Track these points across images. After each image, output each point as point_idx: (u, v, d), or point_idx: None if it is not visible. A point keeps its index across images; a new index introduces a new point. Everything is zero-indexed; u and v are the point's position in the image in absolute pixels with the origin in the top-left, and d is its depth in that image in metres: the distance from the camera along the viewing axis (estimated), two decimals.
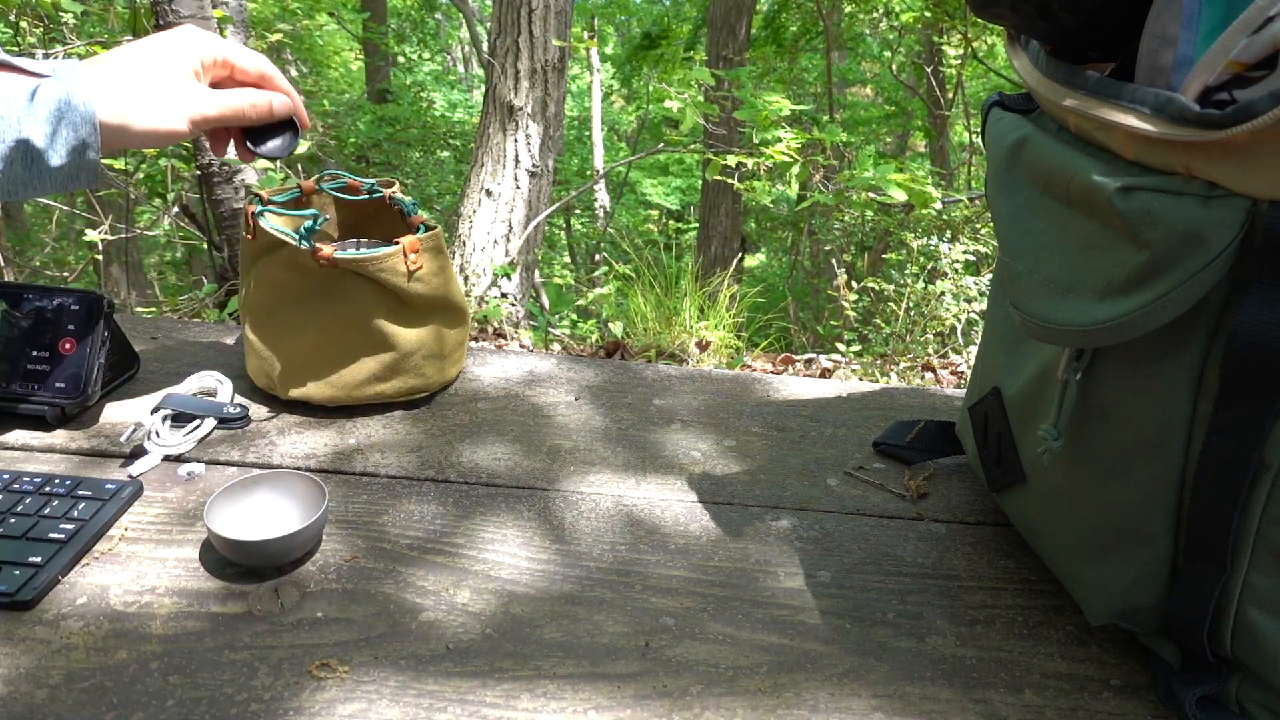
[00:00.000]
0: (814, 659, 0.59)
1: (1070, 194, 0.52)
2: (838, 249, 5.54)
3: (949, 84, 6.74)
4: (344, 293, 0.79)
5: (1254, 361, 0.45)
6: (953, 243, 3.78)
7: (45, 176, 0.59)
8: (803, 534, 0.72)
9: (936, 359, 2.87)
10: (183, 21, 2.50)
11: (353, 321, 0.80)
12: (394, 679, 0.55)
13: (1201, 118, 0.43)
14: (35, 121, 0.58)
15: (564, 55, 3.23)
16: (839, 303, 3.56)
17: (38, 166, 0.59)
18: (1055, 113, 0.56)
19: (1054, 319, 0.51)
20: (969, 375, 0.79)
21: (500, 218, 3.20)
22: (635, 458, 0.82)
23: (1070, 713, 0.56)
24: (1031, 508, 0.64)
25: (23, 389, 0.77)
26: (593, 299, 3.46)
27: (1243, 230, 0.44)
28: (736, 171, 3.60)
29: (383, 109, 7.17)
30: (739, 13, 5.96)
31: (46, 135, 0.58)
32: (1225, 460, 0.48)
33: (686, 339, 2.44)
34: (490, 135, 3.21)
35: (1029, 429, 0.62)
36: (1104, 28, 0.55)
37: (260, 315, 0.83)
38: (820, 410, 0.93)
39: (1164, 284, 0.46)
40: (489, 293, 3.08)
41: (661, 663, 0.57)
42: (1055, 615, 0.64)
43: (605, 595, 0.63)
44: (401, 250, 0.79)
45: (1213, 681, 0.54)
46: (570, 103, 9.73)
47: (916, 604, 0.65)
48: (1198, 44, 0.48)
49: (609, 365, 1.01)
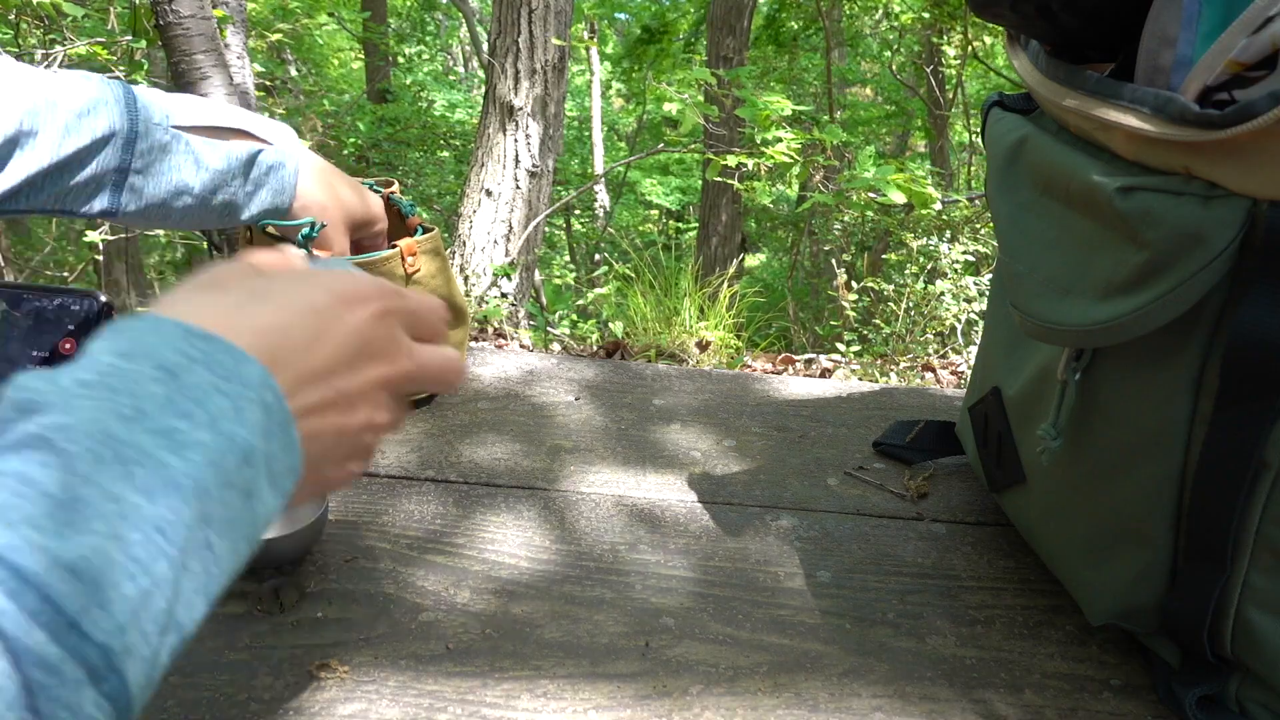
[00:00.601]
0: (814, 659, 0.59)
1: (1070, 194, 0.52)
2: (838, 249, 5.54)
3: (949, 84, 6.74)
4: None
5: (1254, 361, 0.45)
6: (952, 243, 3.78)
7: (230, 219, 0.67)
8: (803, 534, 0.72)
9: (936, 359, 2.87)
10: (183, 22, 2.50)
11: None
12: (394, 679, 0.55)
13: (1201, 118, 0.43)
14: (242, 183, 0.66)
15: (564, 55, 3.23)
16: (839, 303, 3.56)
17: (229, 216, 0.67)
18: (1055, 113, 0.56)
19: (1054, 319, 0.51)
20: (969, 375, 0.79)
21: (500, 218, 3.20)
22: (635, 457, 0.82)
23: (1070, 713, 0.56)
24: (1031, 508, 0.64)
25: None
26: (593, 299, 3.46)
27: (1243, 230, 0.44)
28: (736, 172, 3.59)
29: (383, 109, 7.17)
30: (739, 12, 5.96)
31: (247, 194, 0.67)
32: (1225, 460, 0.48)
33: (686, 339, 2.44)
34: (490, 135, 3.21)
35: (1029, 429, 0.62)
36: (1104, 28, 0.55)
37: None
38: (820, 410, 0.93)
39: (1164, 284, 0.46)
40: (489, 293, 3.08)
41: (661, 663, 0.57)
42: (1055, 615, 0.64)
43: (605, 595, 0.63)
44: (399, 253, 0.78)
45: (1213, 681, 0.54)
46: (570, 102, 9.73)
47: (916, 604, 0.65)
48: (1197, 44, 0.48)
49: (609, 365, 1.01)
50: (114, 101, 0.60)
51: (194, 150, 0.63)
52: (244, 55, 2.91)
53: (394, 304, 0.41)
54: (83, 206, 0.61)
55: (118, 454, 0.30)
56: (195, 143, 0.63)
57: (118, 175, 0.61)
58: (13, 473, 0.28)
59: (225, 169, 0.65)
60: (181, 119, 0.63)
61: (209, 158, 0.64)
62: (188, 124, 0.63)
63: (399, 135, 6.95)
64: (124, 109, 0.61)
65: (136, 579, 0.29)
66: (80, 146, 0.59)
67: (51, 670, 0.26)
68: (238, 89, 2.83)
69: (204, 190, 0.64)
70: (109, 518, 0.28)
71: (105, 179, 0.61)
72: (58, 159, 0.58)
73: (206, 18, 2.37)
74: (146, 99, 0.62)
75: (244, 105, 2.96)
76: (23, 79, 0.58)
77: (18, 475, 0.28)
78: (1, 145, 0.57)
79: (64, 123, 0.58)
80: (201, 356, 0.33)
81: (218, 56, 2.65)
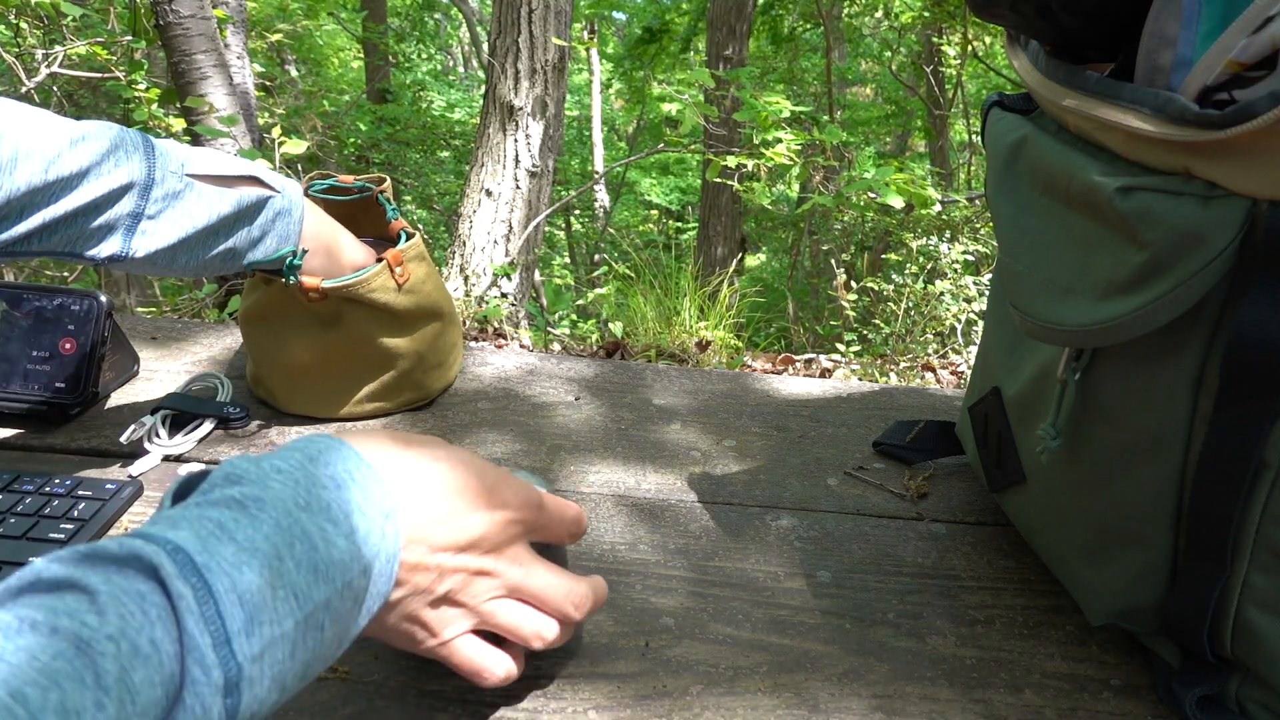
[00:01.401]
0: (814, 659, 0.59)
1: (1070, 194, 0.52)
2: (837, 249, 5.55)
3: (949, 84, 6.74)
4: (339, 317, 0.79)
5: (1254, 361, 0.45)
6: (952, 243, 3.78)
7: (230, 266, 0.69)
8: (803, 534, 0.72)
9: (936, 359, 2.87)
10: (183, 22, 2.50)
11: (351, 345, 0.80)
12: (394, 679, 0.55)
13: (1201, 118, 0.43)
14: (249, 228, 0.67)
15: (564, 55, 3.23)
16: (839, 303, 3.56)
17: (231, 263, 0.68)
18: (1055, 113, 0.56)
19: (1054, 319, 0.51)
20: (969, 375, 0.79)
21: (500, 218, 3.20)
22: (635, 457, 0.82)
23: (1070, 713, 0.56)
24: (1031, 508, 0.64)
25: (23, 389, 0.77)
26: (593, 299, 3.46)
27: (1243, 230, 0.44)
28: (736, 172, 3.60)
29: (383, 109, 7.18)
30: (739, 12, 5.96)
31: (252, 240, 0.68)
32: (1225, 460, 0.48)
33: (686, 339, 2.44)
34: (490, 135, 3.21)
35: (1029, 429, 0.62)
36: (1104, 28, 0.55)
37: (261, 331, 0.83)
38: (820, 410, 0.93)
39: (1164, 284, 0.46)
40: (489, 293, 3.08)
41: (661, 663, 0.58)
42: (1055, 615, 0.64)
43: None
44: (386, 266, 0.78)
45: (1213, 681, 0.54)
46: (570, 102, 9.73)
47: (916, 604, 0.65)
48: (1197, 44, 0.48)
49: (609, 365, 1.01)
50: (134, 148, 0.62)
51: (205, 196, 0.64)
52: (244, 55, 2.91)
53: (529, 516, 0.49)
54: (91, 250, 0.62)
55: (289, 528, 0.38)
56: (206, 190, 0.64)
57: (131, 220, 0.62)
58: (215, 519, 0.37)
59: (234, 214, 0.66)
60: (196, 168, 0.65)
61: (219, 204, 0.65)
62: (201, 172, 0.65)
63: (399, 135, 6.96)
64: (144, 156, 0.62)
65: (273, 625, 0.36)
66: (100, 195, 0.60)
67: (206, 670, 0.33)
68: (237, 89, 2.84)
69: (211, 234, 0.66)
70: (271, 569, 0.36)
71: (119, 224, 0.62)
72: (77, 206, 0.60)
73: (206, 18, 2.37)
74: (163, 147, 0.64)
75: (244, 105, 2.96)
76: (45, 126, 0.59)
77: (218, 522, 0.36)
78: (25, 194, 0.58)
79: (88, 170, 0.60)
80: (362, 480, 0.42)
81: (218, 56, 2.65)
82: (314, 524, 0.39)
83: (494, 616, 0.48)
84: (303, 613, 0.37)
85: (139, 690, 0.30)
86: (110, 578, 0.32)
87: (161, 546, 0.34)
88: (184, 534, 0.35)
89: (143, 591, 0.32)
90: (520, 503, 0.48)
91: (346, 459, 0.42)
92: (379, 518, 0.41)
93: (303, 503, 0.39)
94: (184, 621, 0.32)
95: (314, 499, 0.39)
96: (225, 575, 0.34)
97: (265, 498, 0.38)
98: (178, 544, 0.34)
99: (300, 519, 0.38)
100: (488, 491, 0.47)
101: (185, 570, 0.34)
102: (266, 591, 0.35)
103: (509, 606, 0.48)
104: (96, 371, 0.79)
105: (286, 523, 0.38)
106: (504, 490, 0.48)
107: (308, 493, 0.39)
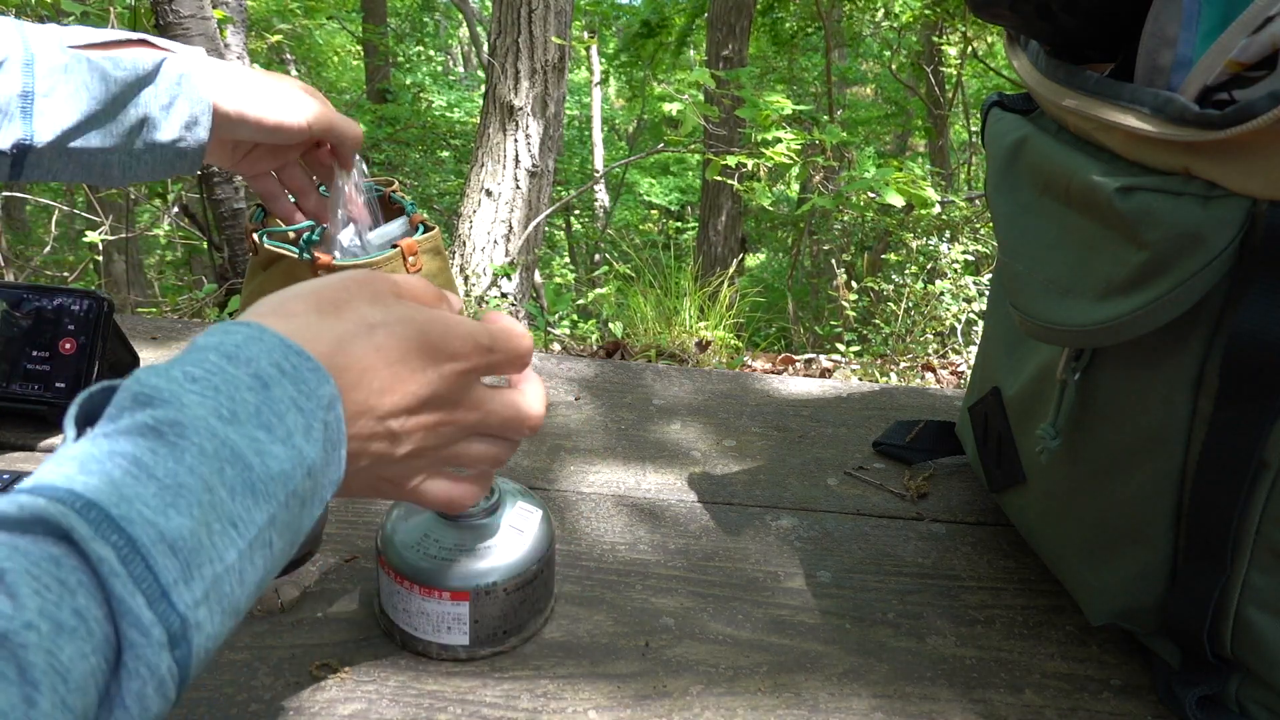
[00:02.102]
0: (814, 659, 0.59)
1: (1070, 194, 0.52)
2: (837, 249, 5.55)
3: (949, 84, 6.74)
4: None
5: (1254, 361, 0.45)
6: (952, 243, 3.78)
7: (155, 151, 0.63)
8: (803, 534, 0.72)
9: (936, 359, 2.87)
10: (183, 22, 2.50)
11: None
12: (394, 679, 0.55)
13: (1201, 118, 0.43)
14: (155, 91, 0.62)
15: (564, 55, 3.23)
16: (839, 303, 3.56)
17: (148, 137, 0.62)
18: (1055, 113, 0.56)
19: (1054, 319, 0.51)
20: (969, 375, 0.79)
21: (500, 218, 3.20)
22: (635, 457, 0.82)
23: (1070, 713, 0.56)
24: (1031, 508, 0.64)
25: (23, 389, 0.77)
26: (593, 299, 3.46)
27: (1242, 230, 0.44)
28: (736, 172, 3.60)
29: (383, 109, 7.18)
30: (739, 12, 5.96)
31: (162, 106, 0.62)
32: (1225, 460, 0.48)
33: (686, 339, 2.44)
34: (490, 135, 3.21)
35: (1029, 429, 0.62)
36: (1104, 28, 0.55)
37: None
38: (820, 410, 0.93)
39: (1164, 284, 0.46)
40: (489, 293, 3.08)
41: (661, 663, 0.58)
42: (1055, 615, 0.64)
43: (605, 595, 0.63)
44: (400, 253, 0.78)
45: (1213, 681, 0.54)
46: (570, 102, 9.73)
47: (916, 604, 0.65)
48: (1197, 44, 0.48)
49: (609, 365, 1.01)
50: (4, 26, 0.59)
51: (98, 65, 0.60)
52: (244, 55, 2.91)
53: (480, 362, 0.44)
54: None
55: (215, 451, 0.33)
56: (96, 58, 0.60)
57: (22, 100, 0.59)
58: (128, 455, 0.32)
59: (132, 78, 0.61)
60: (77, 39, 0.61)
61: (112, 70, 0.60)
62: (83, 43, 0.61)
63: (399, 135, 6.95)
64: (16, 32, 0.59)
65: (214, 563, 0.32)
66: None
67: (144, 631, 0.30)
68: None
69: (115, 104, 0.61)
70: (203, 506, 0.32)
71: (11, 106, 0.59)
72: None
73: (206, 18, 2.37)
74: (34, 27, 0.61)
75: None
76: None
77: (132, 458, 0.32)
78: None
79: None
80: (291, 370, 0.37)
81: (218, 56, 2.65)
82: (244, 438, 0.34)
83: (458, 459, 0.46)
84: (245, 541, 0.33)
85: (69, 668, 0.27)
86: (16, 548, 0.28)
87: (70, 505, 0.30)
88: (94, 481, 0.31)
89: (56, 556, 0.29)
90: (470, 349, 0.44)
91: (271, 349, 0.37)
92: (318, 411, 0.37)
93: (227, 415, 0.34)
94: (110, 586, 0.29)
95: (239, 406, 0.35)
96: (149, 525, 0.31)
97: (183, 420, 0.33)
98: (89, 498, 0.30)
99: (227, 435, 0.34)
100: (433, 349, 0.42)
101: (102, 528, 0.30)
102: (201, 532, 0.32)
103: (472, 445, 0.46)
104: (96, 372, 0.79)
105: (212, 446, 0.33)
106: (451, 342, 0.43)
107: (231, 400, 0.35)
